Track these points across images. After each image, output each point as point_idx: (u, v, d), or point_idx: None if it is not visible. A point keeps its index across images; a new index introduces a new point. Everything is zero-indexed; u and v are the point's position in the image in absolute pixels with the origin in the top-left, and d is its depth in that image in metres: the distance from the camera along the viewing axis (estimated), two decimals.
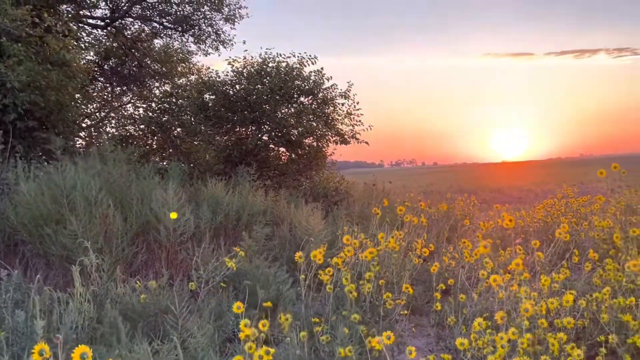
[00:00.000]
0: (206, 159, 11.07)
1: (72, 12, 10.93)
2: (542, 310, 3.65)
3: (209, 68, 12.98)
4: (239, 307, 3.27)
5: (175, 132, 11.56)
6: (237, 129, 11.32)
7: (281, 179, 11.06)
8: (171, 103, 11.87)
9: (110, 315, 3.71)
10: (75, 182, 5.14)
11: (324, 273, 4.35)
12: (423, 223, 6.19)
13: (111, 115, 12.84)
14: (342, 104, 11.66)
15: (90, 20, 12.09)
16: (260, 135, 11.18)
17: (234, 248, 4.62)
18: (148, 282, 4.31)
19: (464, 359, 3.34)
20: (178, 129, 11.52)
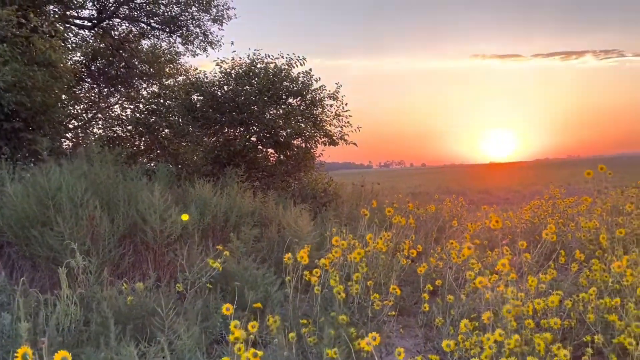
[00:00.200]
0: (194, 160, 11.04)
1: (59, 12, 10.85)
2: (529, 310, 3.66)
3: (197, 69, 12.96)
4: (228, 309, 3.26)
5: (163, 133, 11.52)
6: (226, 130, 11.29)
7: (270, 180, 11.05)
8: (159, 104, 11.82)
9: (97, 317, 3.68)
10: (60, 184, 5.11)
11: (312, 274, 4.35)
12: (411, 224, 6.20)
13: (98, 116, 12.77)
14: (331, 105, 11.67)
15: (77, 21, 12.02)
16: (248, 137, 11.16)
17: (217, 247, 4.60)
18: (135, 284, 4.29)
19: (451, 359, 3.35)
20: (166, 130, 11.48)
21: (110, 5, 12.08)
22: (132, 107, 12.64)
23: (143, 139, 11.69)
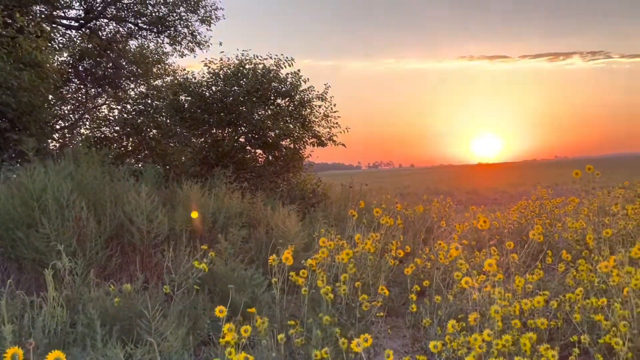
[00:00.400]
0: (182, 160, 10.99)
1: (46, 12, 10.78)
2: (516, 311, 3.68)
3: (185, 69, 12.91)
4: (221, 311, 3.24)
5: (151, 134, 11.47)
6: (214, 131, 11.25)
7: (258, 181, 11.03)
8: (146, 104, 11.78)
9: (84, 319, 3.66)
10: (45, 185, 5.07)
11: (298, 275, 4.34)
12: (399, 225, 6.21)
13: (86, 116, 12.69)
14: (319, 106, 11.67)
15: (64, 21, 11.94)
16: (237, 137, 11.13)
17: (202, 247, 4.57)
18: (122, 286, 4.26)
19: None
20: (153, 131, 11.43)
21: (97, 5, 12.02)
22: (119, 107, 12.58)
23: (130, 139, 11.64)
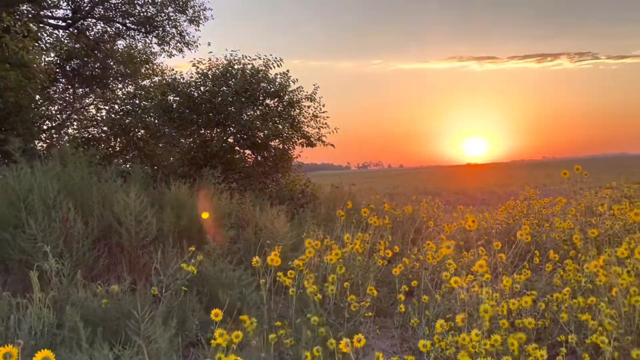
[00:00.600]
0: (170, 161, 10.94)
1: (33, 12, 10.69)
2: (504, 311, 3.69)
3: (173, 69, 12.86)
4: (216, 315, 3.23)
5: (139, 134, 11.41)
6: (202, 131, 11.21)
7: (247, 181, 11.01)
8: (134, 105, 11.72)
9: (70, 320, 3.63)
10: (32, 185, 5.04)
11: (285, 276, 4.33)
12: (387, 225, 6.22)
13: (73, 117, 12.60)
14: (308, 107, 11.67)
15: (51, 21, 11.84)
16: (225, 138, 11.10)
17: (190, 248, 4.56)
18: (110, 287, 4.24)
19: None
20: (141, 131, 11.37)
21: (85, 5, 11.93)
22: (107, 107, 12.50)
23: (118, 140, 11.57)
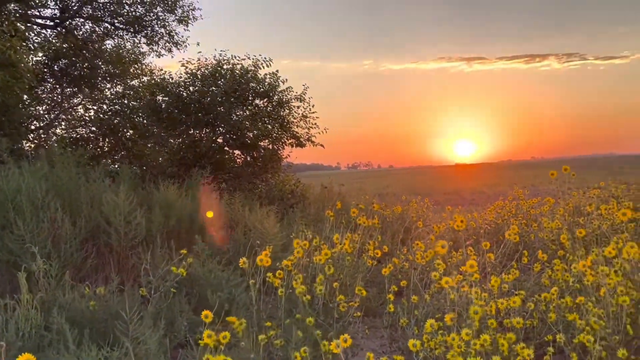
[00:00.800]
0: (159, 161, 10.91)
1: (20, 11, 10.61)
2: (492, 310, 3.71)
3: (162, 69, 12.81)
4: (206, 317, 3.21)
5: (128, 134, 11.36)
6: (191, 132, 11.19)
7: (236, 182, 10.99)
8: (123, 105, 11.66)
9: (57, 321, 3.61)
10: (20, 186, 5.00)
11: (274, 277, 4.33)
12: (376, 225, 6.22)
13: (61, 117, 12.52)
14: (298, 107, 11.68)
15: (39, 20, 11.76)
16: (214, 138, 11.09)
17: (181, 251, 4.54)
18: (97, 288, 4.22)
19: (416, 359, 3.37)
20: (130, 131, 11.33)
21: (73, 4, 11.86)
22: (95, 107, 12.43)
23: (107, 140, 11.51)
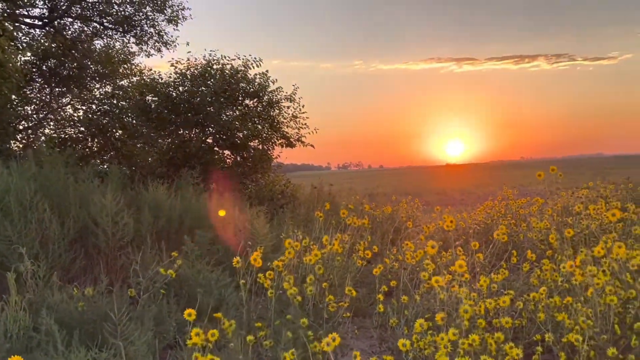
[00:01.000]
0: (148, 161, 10.87)
1: (8, 10, 10.55)
2: (481, 310, 3.72)
3: (151, 69, 12.76)
4: (189, 315, 3.21)
5: (117, 135, 11.31)
6: (181, 132, 11.16)
7: (226, 182, 10.97)
8: (112, 105, 11.61)
9: (46, 322, 3.59)
10: (8, 186, 4.97)
11: (265, 277, 4.32)
12: (365, 225, 6.23)
13: (50, 117, 12.44)
14: (288, 107, 11.67)
15: (27, 20, 11.68)
16: (204, 138, 11.06)
17: (172, 253, 4.52)
18: (86, 289, 4.19)
19: (405, 359, 3.37)
20: (119, 131, 11.27)
21: (61, 4, 11.79)
22: (84, 108, 12.36)
23: (96, 140, 11.45)
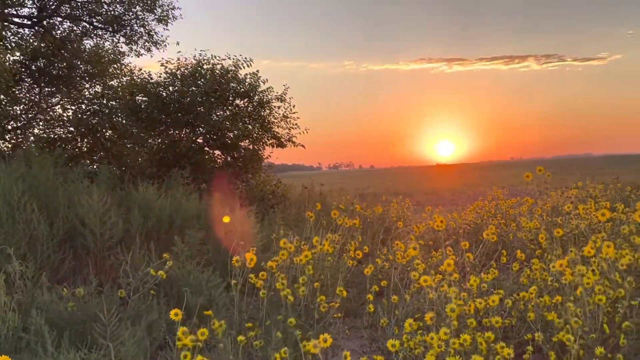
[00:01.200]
0: (138, 162, 10.82)
1: None
2: (471, 310, 3.72)
3: (141, 69, 12.72)
4: (176, 314, 3.19)
5: (107, 135, 11.25)
6: (171, 132, 11.12)
7: (216, 182, 10.94)
8: (102, 105, 11.55)
9: (36, 322, 3.57)
10: None
11: (258, 277, 4.31)
12: (356, 225, 6.23)
13: (39, 117, 12.35)
14: (279, 107, 11.67)
15: (16, 19, 11.60)
16: (194, 138, 11.03)
17: (164, 255, 4.50)
18: (75, 289, 4.17)
19: (396, 359, 3.37)
20: (109, 132, 11.21)
21: (51, 3, 11.72)
22: (74, 107, 12.28)
23: (85, 140, 11.38)
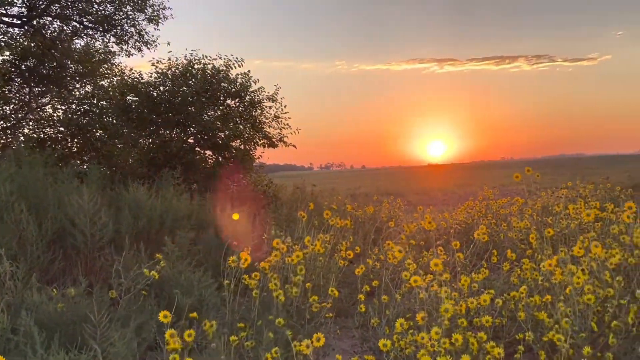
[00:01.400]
0: (129, 162, 10.77)
1: None
2: (462, 309, 3.73)
3: (132, 69, 12.67)
4: (165, 316, 3.18)
5: (97, 135, 11.19)
6: (162, 132, 11.09)
7: (208, 182, 10.92)
8: (92, 105, 11.49)
9: (26, 323, 3.55)
10: None
11: (250, 278, 4.30)
12: (348, 225, 6.23)
13: (29, 117, 12.28)
14: (270, 107, 11.66)
15: (6, 19, 11.54)
16: (185, 138, 11.00)
17: (157, 255, 4.48)
18: (65, 290, 4.15)
19: (386, 359, 3.37)
20: (99, 132, 11.16)
21: (40, 3, 11.66)
22: (64, 107, 12.22)
23: (76, 140, 11.32)
